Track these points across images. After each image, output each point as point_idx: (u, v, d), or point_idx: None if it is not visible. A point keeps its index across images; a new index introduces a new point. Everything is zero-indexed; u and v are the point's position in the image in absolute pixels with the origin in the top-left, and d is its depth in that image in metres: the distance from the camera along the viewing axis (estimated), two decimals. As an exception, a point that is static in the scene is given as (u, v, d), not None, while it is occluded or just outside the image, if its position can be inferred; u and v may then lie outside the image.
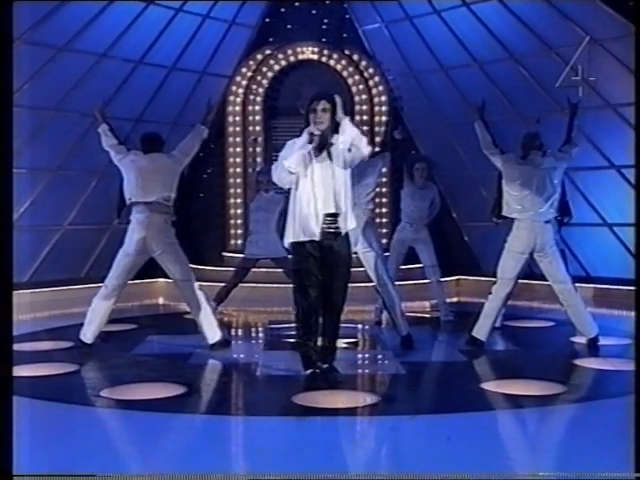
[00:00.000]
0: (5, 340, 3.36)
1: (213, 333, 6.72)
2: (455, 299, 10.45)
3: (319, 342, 5.59)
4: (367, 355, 6.94)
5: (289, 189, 5.46)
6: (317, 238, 5.34)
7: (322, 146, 5.30)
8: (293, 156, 5.22)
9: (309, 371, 5.56)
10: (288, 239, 5.42)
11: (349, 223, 5.41)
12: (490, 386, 5.37)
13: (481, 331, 6.71)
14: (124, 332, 7.69)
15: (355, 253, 6.36)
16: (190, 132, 6.85)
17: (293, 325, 5.73)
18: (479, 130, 6.78)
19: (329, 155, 5.32)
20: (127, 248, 6.64)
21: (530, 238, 6.58)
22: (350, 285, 5.55)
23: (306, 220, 5.31)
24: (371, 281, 6.81)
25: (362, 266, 6.71)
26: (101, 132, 6.88)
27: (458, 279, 11.25)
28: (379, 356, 6.87)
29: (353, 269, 5.59)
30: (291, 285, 5.54)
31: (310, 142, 5.24)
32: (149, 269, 7.12)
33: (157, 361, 6.32)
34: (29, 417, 4.33)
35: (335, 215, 5.35)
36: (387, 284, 6.74)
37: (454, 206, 11.59)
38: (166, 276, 6.97)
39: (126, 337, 7.43)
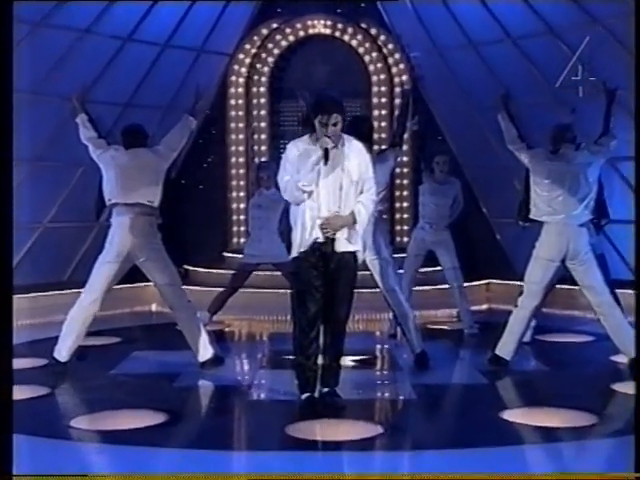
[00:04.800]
0: (5, 340, 3.76)
1: (204, 350, 6.73)
2: (484, 306, 10.41)
3: (320, 361, 5.60)
4: (375, 376, 6.91)
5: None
6: (321, 239, 5.38)
7: (331, 150, 5.39)
8: (308, 176, 5.32)
9: (305, 396, 5.55)
10: (293, 252, 5.50)
11: (354, 238, 5.46)
12: (513, 415, 5.32)
13: (505, 349, 6.66)
14: (105, 347, 7.71)
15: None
16: (177, 124, 6.83)
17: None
18: (503, 123, 6.71)
19: (338, 159, 5.39)
20: (107, 255, 6.64)
21: (561, 244, 6.49)
22: (362, 290, 5.59)
23: (309, 230, 5.40)
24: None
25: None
26: (79, 123, 6.89)
27: (488, 283, 11.15)
28: (389, 377, 6.85)
29: (364, 272, 5.57)
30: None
31: (326, 158, 5.33)
32: (141, 271, 7.09)
33: (140, 382, 6.34)
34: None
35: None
36: (398, 294, 6.73)
37: (484, 200, 11.48)
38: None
39: (107, 353, 7.45)
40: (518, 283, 7.13)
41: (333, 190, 5.38)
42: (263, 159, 11.29)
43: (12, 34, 3.87)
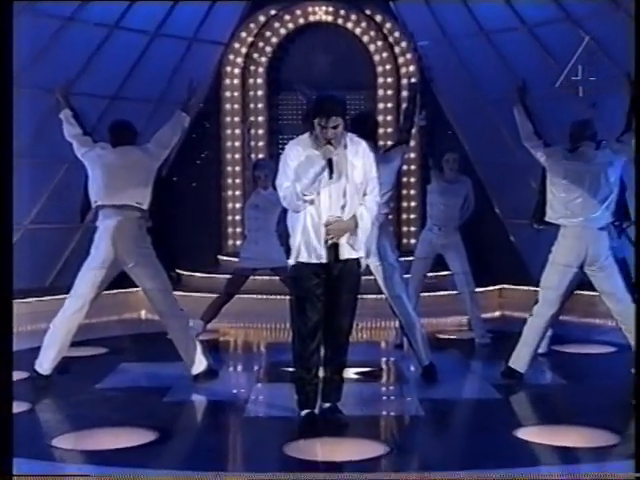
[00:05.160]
0: (5, 341, 4.06)
1: (197, 362, 6.74)
2: (497, 313, 10.42)
3: (321, 373, 5.62)
4: (380, 390, 6.93)
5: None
6: (324, 260, 5.41)
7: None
8: (310, 186, 5.31)
9: (305, 412, 5.56)
10: (292, 260, 5.51)
11: (358, 244, 5.47)
12: (528, 434, 5.32)
13: (520, 361, 6.66)
14: (91, 358, 7.72)
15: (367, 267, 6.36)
16: (169, 120, 6.83)
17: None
18: (519, 117, 6.70)
19: (340, 161, 5.40)
20: (92, 261, 6.65)
21: (580, 248, 6.48)
22: (365, 296, 5.63)
23: (310, 238, 5.40)
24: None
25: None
26: (63, 119, 6.90)
27: (501, 289, 11.16)
28: (395, 391, 6.86)
29: (368, 277, 5.57)
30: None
31: (330, 170, 5.34)
32: (129, 276, 7.10)
33: (128, 397, 6.35)
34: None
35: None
36: (404, 302, 6.74)
37: (497, 200, 11.50)
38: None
39: (93, 365, 7.46)
40: (533, 289, 7.14)
41: (337, 197, 5.40)
42: (260, 156, 11.29)
43: (12, 34, 4.04)
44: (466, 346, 8.38)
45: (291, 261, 5.50)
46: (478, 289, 8.79)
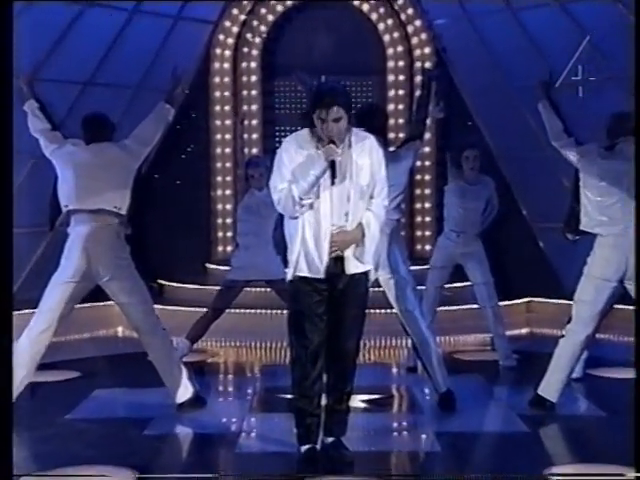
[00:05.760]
0: (5, 340, 4.22)
1: (181, 388, 6.73)
2: (524, 331, 10.43)
3: (324, 402, 5.60)
4: (390, 421, 6.89)
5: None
6: (322, 275, 5.38)
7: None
8: (306, 186, 5.28)
9: (306, 448, 5.53)
10: (289, 275, 5.50)
11: (365, 256, 5.44)
12: (561, 474, 5.31)
13: (551, 388, 6.64)
14: (62, 384, 7.69)
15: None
16: (151, 113, 6.80)
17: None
18: (545, 113, 6.71)
19: (344, 160, 5.36)
20: (62, 273, 6.63)
21: (619, 260, 6.46)
22: (373, 311, 5.67)
23: (309, 249, 5.37)
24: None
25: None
26: (28, 111, 6.88)
27: (529, 302, 11.18)
28: (407, 423, 6.83)
29: (377, 289, 5.54)
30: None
31: (333, 173, 5.30)
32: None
33: (103, 430, 6.32)
34: None
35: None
36: (418, 320, 6.74)
37: (524, 201, 11.49)
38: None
39: (62, 392, 7.44)
40: (566, 303, 7.13)
41: (339, 202, 5.35)
42: (254, 151, 11.31)
43: (12, 34, 4.23)
44: (489, 369, 8.36)
45: (289, 276, 5.46)
46: (502, 303, 8.80)
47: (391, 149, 6.75)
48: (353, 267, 5.43)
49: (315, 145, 5.35)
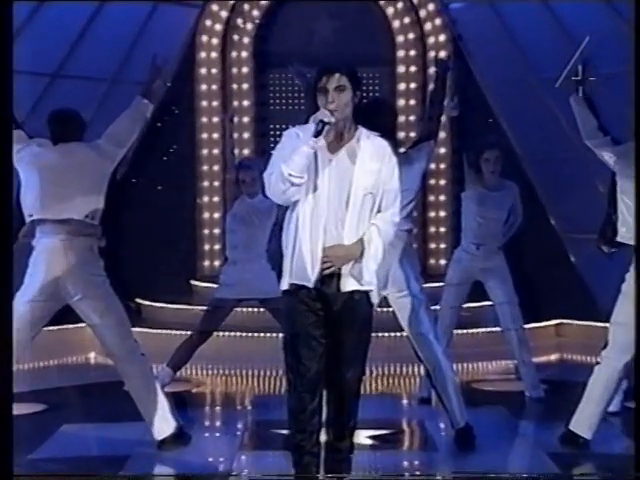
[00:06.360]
0: (5, 338, 4.58)
1: (162, 422, 6.72)
2: (554, 357, 10.43)
3: (323, 438, 5.59)
4: (401, 460, 6.88)
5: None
6: (311, 285, 5.34)
7: (337, 143, 5.34)
8: (295, 158, 5.22)
9: (305, 492, 5.55)
10: (284, 284, 5.46)
11: (365, 274, 5.40)
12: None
13: (584, 423, 6.63)
14: (25, 418, 7.63)
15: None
16: (127, 108, 6.81)
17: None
18: (577, 109, 6.74)
19: (348, 157, 5.35)
20: (27, 292, 6.63)
21: (662, 277, 6.48)
22: (380, 334, 5.55)
23: (304, 256, 5.35)
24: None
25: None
26: (-16, 107, 6.90)
27: (559, 324, 11.21)
28: (421, 462, 6.81)
29: (384, 309, 5.54)
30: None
31: (318, 135, 5.24)
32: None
33: (73, 471, 6.28)
34: None
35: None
36: (432, 344, 6.75)
37: (553, 208, 11.52)
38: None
39: (27, 427, 7.37)
40: (601, 325, 7.11)
41: (337, 205, 5.31)
42: (246, 152, 11.33)
43: (12, 34, 4.41)
44: (513, 401, 8.36)
45: (283, 285, 5.46)
46: (528, 325, 8.80)
47: (401, 150, 6.77)
48: (349, 285, 5.41)
49: None
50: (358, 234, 5.34)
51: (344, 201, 5.32)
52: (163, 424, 6.70)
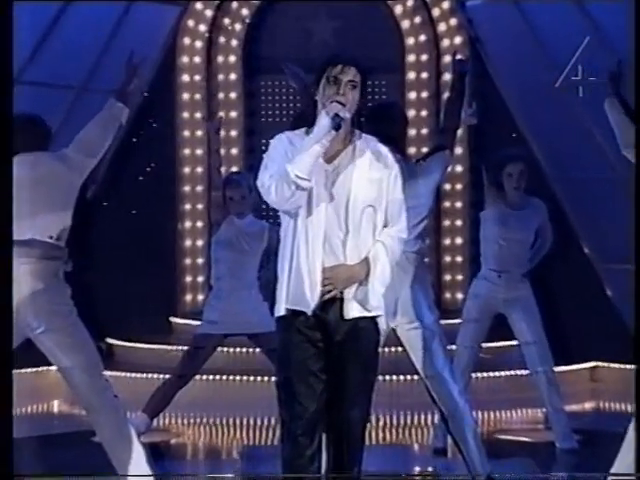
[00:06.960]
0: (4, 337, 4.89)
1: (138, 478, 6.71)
2: (589, 405, 10.41)
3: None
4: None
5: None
6: (309, 311, 5.33)
7: (333, 150, 5.34)
8: (305, 157, 5.23)
9: None
10: (279, 310, 5.44)
11: (371, 299, 5.39)
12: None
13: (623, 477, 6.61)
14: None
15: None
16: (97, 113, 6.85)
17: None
18: (613, 114, 6.75)
19: (345, 166, 5.36)
20: (-19, 322, 6.63)
21: None
22: (390, 378, 5.54)
23: (302, 278, 5.33)
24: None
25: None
26: None
27: (594, 367, 11.19)
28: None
29: (392, 349, 5.53)
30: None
31: (337, 129, 5.22)
32: (36, 351, 7.05)
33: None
34: None
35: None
36: (448, 385, 6.74)
37: (587, 234, 11.51)
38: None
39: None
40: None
41: (337, 219, 5.31)
42: (234, 169, 11.32)
43: (12, 34, 4.69)
44: (542, 453, 8.39)
45: (277, 312, 5.44)
46: (559, 368, 8.82)
47: (412, 161, 6.78)
48: (354, 311, 5.40)
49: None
50: (361, 253, 5.34)
51: (342, 215, 5.34)
52: (139, 479, 6.71)
